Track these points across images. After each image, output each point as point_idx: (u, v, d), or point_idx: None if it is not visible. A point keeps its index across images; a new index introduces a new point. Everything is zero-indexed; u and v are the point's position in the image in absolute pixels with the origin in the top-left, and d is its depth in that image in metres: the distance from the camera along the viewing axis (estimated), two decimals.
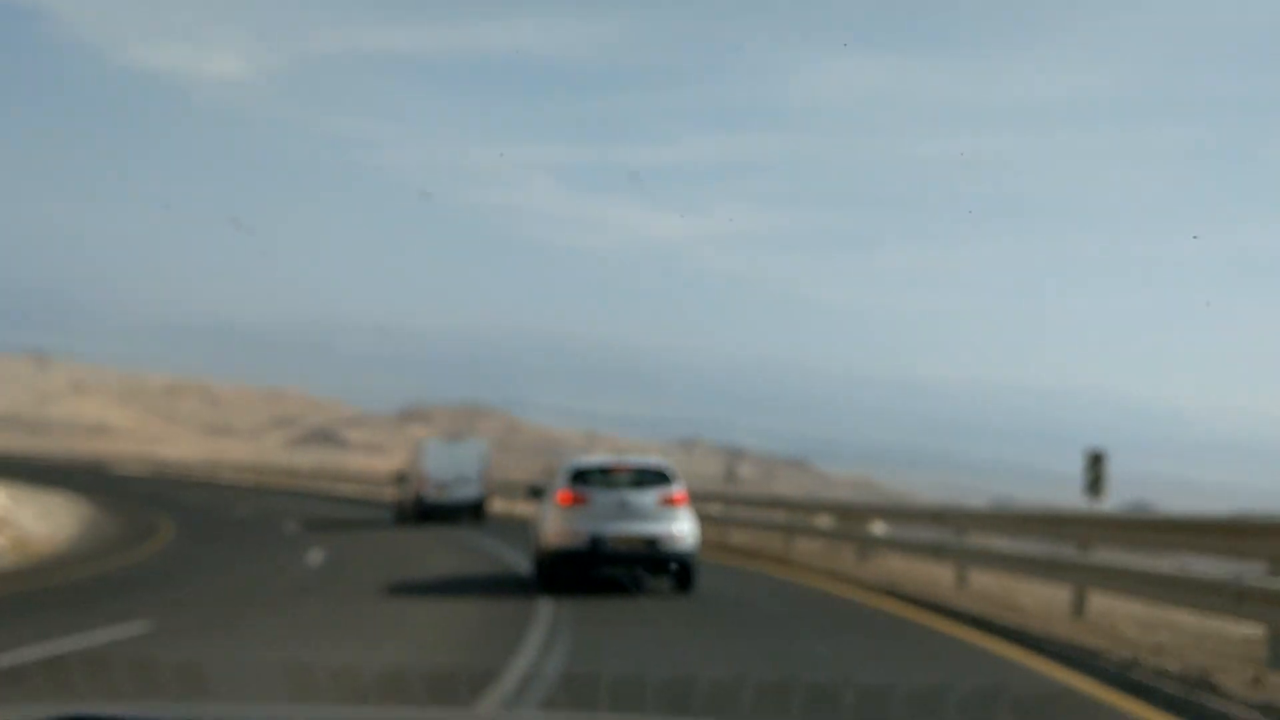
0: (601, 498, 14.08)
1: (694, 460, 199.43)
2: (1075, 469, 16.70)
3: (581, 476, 14.39)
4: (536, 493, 16.44)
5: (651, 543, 13.86)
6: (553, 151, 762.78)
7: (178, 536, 24.96)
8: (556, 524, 14.07)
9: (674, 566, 14.03)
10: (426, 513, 30.20)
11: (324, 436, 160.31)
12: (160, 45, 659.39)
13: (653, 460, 15.35)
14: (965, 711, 7.17)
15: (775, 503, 28.03)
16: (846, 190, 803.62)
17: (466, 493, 30.63)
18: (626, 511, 13.95)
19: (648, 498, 14.09)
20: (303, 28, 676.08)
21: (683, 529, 14.07)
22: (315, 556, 19.42)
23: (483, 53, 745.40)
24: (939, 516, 18.43)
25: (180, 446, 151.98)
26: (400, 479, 33.70)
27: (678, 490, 14.35)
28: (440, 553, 20.90)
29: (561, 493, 14.25)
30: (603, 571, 14.27)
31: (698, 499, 27.40)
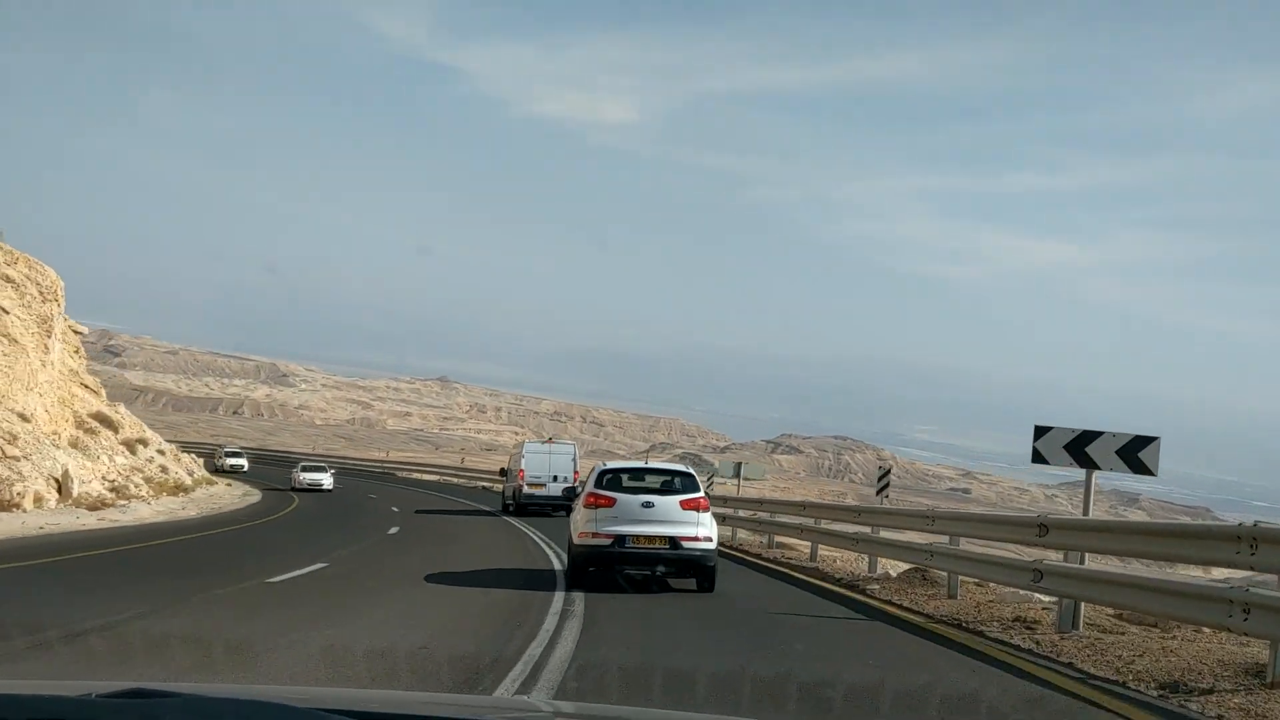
0: (627, 500, 14.80)
1: (1074, 504, 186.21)
2: None
3: (609, 480, 15.23)
4: (571, 494, 16.67)
5: (673, 544, 14.47)
6: (932, 181, 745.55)
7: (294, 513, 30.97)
8: (584, 523, 14.83)
9: (694, 567, 14.70)
10: (524, 505, 33.61)
11: (692, 463, 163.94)
12: (559, 96, 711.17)
13: (677, 466, 16.62)
14: None
15: None
16: (1252, 215, 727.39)
17: (558, 490, 33.55)
18: (650, 513, 14.65)
19: (670, 501, 14.81)
20: (687, 71, 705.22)
21: (703, 531, 14.71)
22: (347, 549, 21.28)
23: (864, 85, 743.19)
24: None
25: None
26: (504, 473, 39.17)
27: (700, 495, 15.06)
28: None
29: (590, 495, 15.04)
30: (625, 570, 14.96)
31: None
